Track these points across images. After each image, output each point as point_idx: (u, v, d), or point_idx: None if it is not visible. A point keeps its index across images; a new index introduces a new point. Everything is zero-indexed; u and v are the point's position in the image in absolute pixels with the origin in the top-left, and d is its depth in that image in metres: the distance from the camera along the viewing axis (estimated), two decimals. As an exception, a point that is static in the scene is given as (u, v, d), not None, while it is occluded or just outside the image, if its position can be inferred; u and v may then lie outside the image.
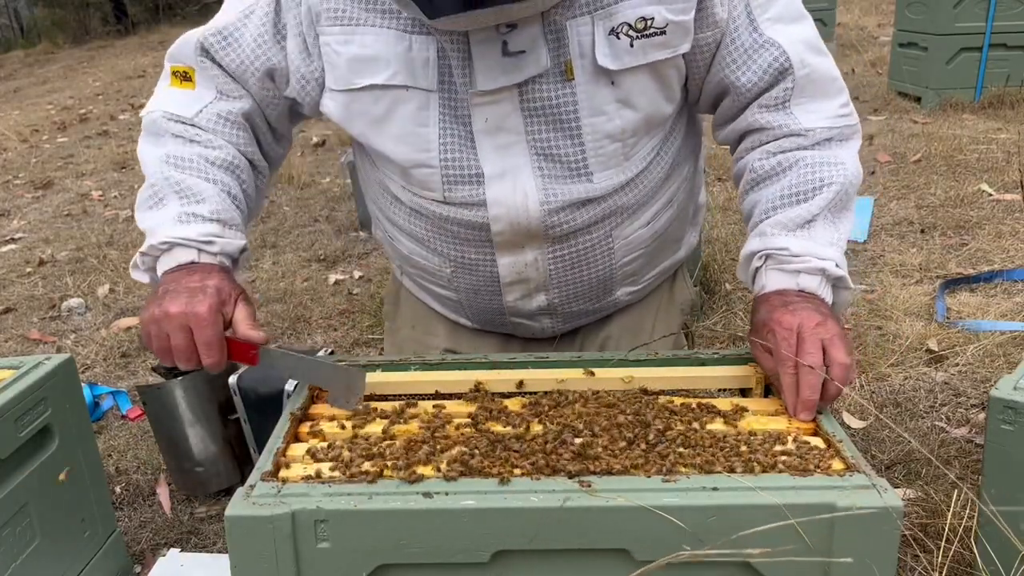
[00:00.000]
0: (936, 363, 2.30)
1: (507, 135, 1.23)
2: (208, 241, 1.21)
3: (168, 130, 1.30)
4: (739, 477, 0.91)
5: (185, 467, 1.93)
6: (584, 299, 1.42)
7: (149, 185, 1.28)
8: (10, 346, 2.97)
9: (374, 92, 1.23)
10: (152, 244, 1.22)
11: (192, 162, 1.28)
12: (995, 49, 4.85)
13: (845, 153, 1.26)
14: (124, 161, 5.68)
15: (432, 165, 1.26)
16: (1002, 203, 3.44)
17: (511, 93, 1.20)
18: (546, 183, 1.25)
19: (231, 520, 0.88)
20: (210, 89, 1.32)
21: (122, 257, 3.73)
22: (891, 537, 0.85)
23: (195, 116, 1.30)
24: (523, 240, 1.30)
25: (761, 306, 1.18)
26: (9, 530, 1.35)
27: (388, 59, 1.20)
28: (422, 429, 1.06)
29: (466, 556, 0.89)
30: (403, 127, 1.25)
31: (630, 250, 1.38)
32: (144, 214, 1.27)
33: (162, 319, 1.11)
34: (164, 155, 1.28)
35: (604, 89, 1.21)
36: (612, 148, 1.26)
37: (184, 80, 1.32)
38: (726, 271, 2.97)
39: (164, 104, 1.32)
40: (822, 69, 1.26)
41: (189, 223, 1.22)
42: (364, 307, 3.03)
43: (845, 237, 1.23)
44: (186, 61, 1.33)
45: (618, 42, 1.18)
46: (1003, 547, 1.18)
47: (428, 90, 1.21)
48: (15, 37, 18.00)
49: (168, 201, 1.24)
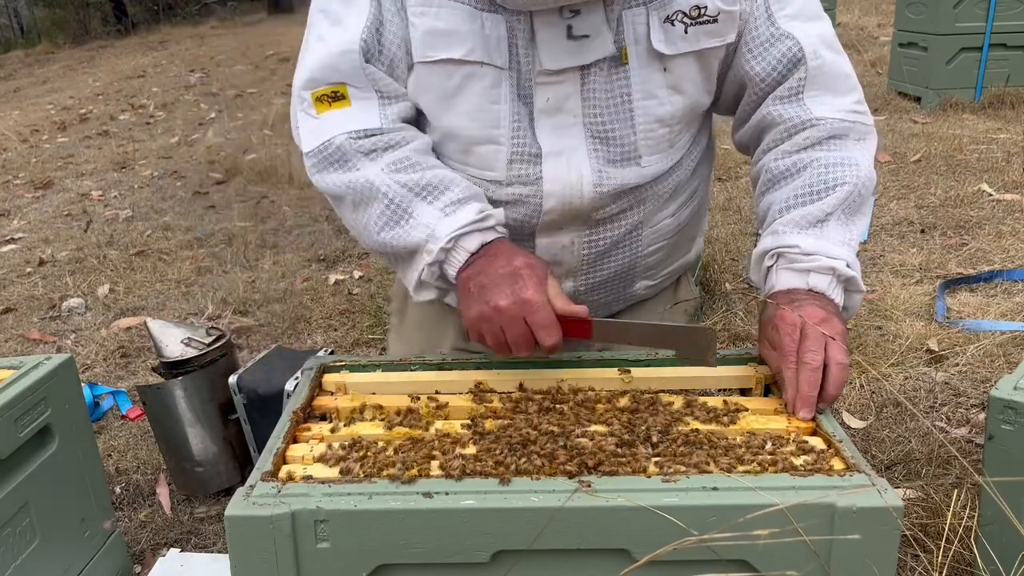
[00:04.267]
0: (936, 363, 2.30)
1: (565, 116, 1.26)
2: (483, 218, 1.18)
3: (360, 149, 1.24)
4: (739, 477, 0.91)
5: (185, 467, 1.93)
6: (607, 288, 1.44)
7: (382, 200, 1.21)
8: (10, 346, 2.97)
9: (448, 66, 1.24)
10: (440, 248, 1.17)
11: (412, 159, 1.24)
12: (995, 49, 4.85)
13: (860, 154, 1.27)
14: (124, 161, 5.69)
15: (500, 142, 1.27)
16: (1002, 203, 3.44)
17: (574, 75, 1.23)
18: (600, 165, 1.28)
19: (231, 520, 0.88)
20: (371, 98, 1.26)
21: (122, 257, 3.73)
22: (891, 537, 0.85)
23: (382, 124, 1.26)
24: (567, 221, 1.32)
25: (769, 305, 1.19)
26: (9, 530, 1.35)
27: (464, 35, 1.22)
28: (422, 429, 1.06)
29: (466, 556, 0.89)
30: (475, 103, 1.26)
31: (655, 239, 1.41)
32: (391, 233, 1.21)
33: (493, 315, 1.10)
34: (381, 168, 1.22)
35: (656, 74, 1.25)
36: (661, 133, 1.30)
37: (336, 100, 1.26)
38: (726, 271, 2.97)
39: (338, 127, 1.25)
40: (836, 64, 1.29)
41: (456, 212, 1.19)
42: (364, 307, 3.03)
43: (858, 237, 1.24)
44: (338, 79, 1.26)
45: (673, 29, 1.23)
46: (1003, 547, 1.18)
47: (501, 68, 1.24)
48: (15, 37, 18.00)
49: (414, 208, 1.20)
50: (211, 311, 3.09)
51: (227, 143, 5.87)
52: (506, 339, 1.11)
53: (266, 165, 4.91)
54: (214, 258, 3.66)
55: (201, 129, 6.55)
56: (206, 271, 3.53)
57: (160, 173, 5.28)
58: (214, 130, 6.37)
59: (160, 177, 5.20)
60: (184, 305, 3.19)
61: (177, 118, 7.17)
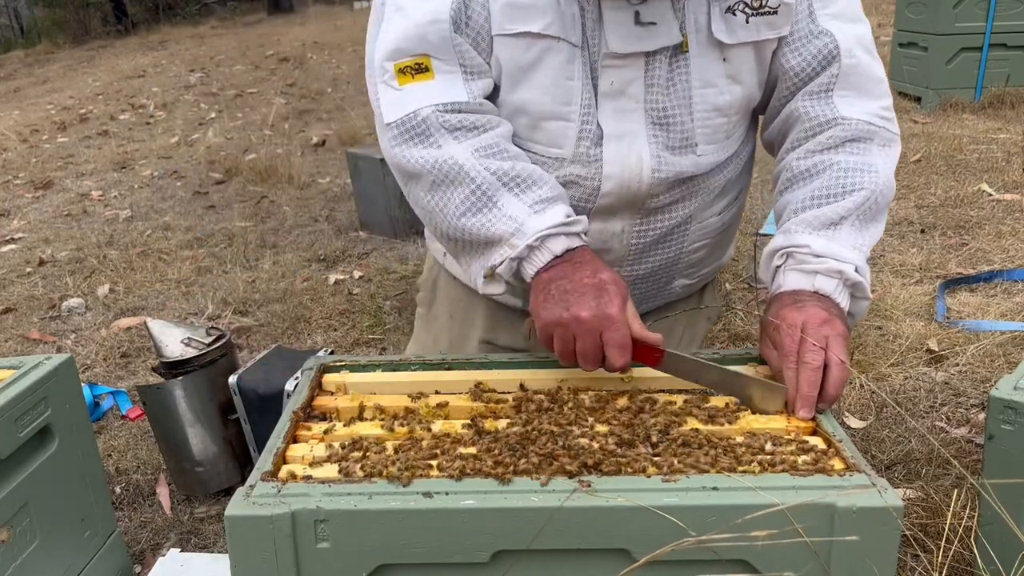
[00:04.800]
0: (936, 363, 2.30)
1: (627, 100, 1.27)
2: (571, 222, 1.17)
3: (445, 124, 1.20)
4: (739, 477, 0.91)
5: (185, 467, 1.93)
6: (648, 282, 1.44)
7: (469, 182, 1.18)
8: (10, 346, 2.97)
9: (526, 39, 1.23)
10: (525, 245, 1.14)
11: (499, 146, 1.21)
12: (995, 49, 4.85)
13: (881, 161, 1.27)
14: (124, 161, 5.69)
15: (571, 119, 1.27)
16: (1002, 203, 3.44)
17: (639, 61, 1.24)
18: (659, 151, 1.29)
19: (231, 520, 0.88)
20: (456, 72, 1.23)
21: (122, 257, 3.73)
22: (891, 537, 0.85)
23: (470, 100, 1.23)
24: (621, 207, 1.32)
25: (772, 304, 1.19)
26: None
27: (543, 9, 1.22)
28: (422, 429, 1.06)
29: (466, 556, 0.89)
30: (550, 77, 1.25)
31: (701, 236, 1.42)
32: (473, 220, 1.18)
33: (571, 323, 1.08)
34: (468, 151, 1.19)
35: (716, 63, 1.26)
36: (719, 122, 1.31)
37: (419, 72, 1.23)
38: (726, 271, 2.97)
39: (425, 99, 1.21)
40: (870, 67, 1.30)
41: (545, 210, 1.17)
42: (364, 307, 3.03)
43: (870, 244, 1.23)
44: (422, 50, 1.22)
45: (734, 18, 1.24)
46: (1003, 547, 1.18)
47: (575, 45, 1.24)
48: (15, 37, 18.01)
49: (500, 197, 1.17)
50: (211, 311, 3.09)
51: (227, 143, 5.87)
52: (575, 348, 1.09)
53: (266, 165, 4.90)
54: (214, 258, 3.66)
55: (201, 129, 6.55)
56: (206, 271, 3.53)
57: (160, 173, 5.28)
58: (214, 130, 6.37)
59: (160, 177, 5.20)
60: (184, 305, 3.19)
61: (177, 118, 7.17)
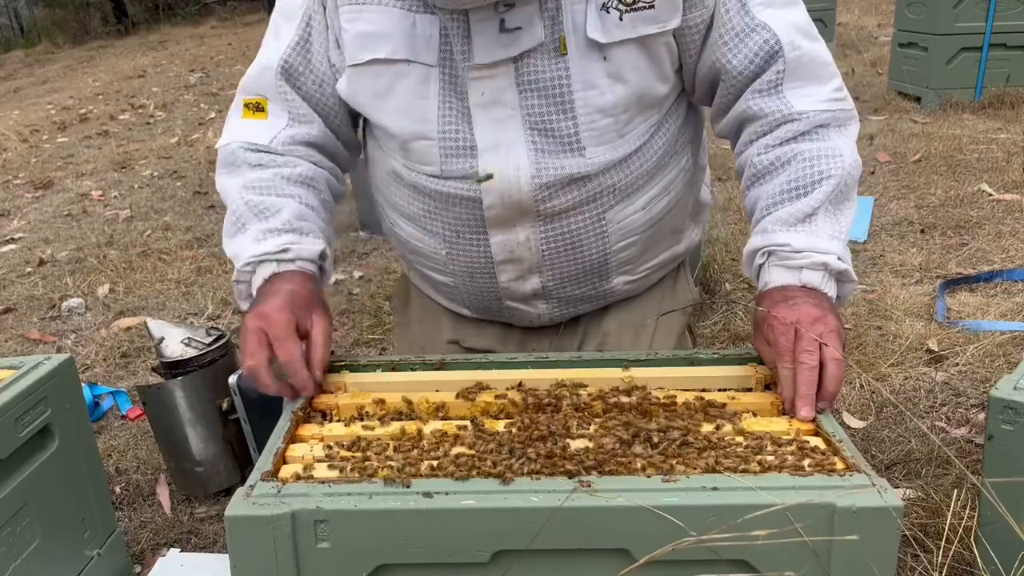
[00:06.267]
0: (936, 363, 2.29)
1: (503, 109, 1.26)
2: (283, 250, 1.26)
3: (245, 160, 1.36)
4: (739, 477, 0.91)
5: (185, 467, 1.93)
6: (578, 283, 1.43)
7: (231, 212, 1.33)
8: (10, 346, 2.97)
9: (377, 66, 1.28)
10: (239, 268, 1.28)
11: (269, 182, 1.34)
12: (995, 49, 4.84)
13: (843, 142, 1.27)
14: (124, 161, 5.69)
15: (430, 137, 1.30)
16: (1002, 203, 3.44)
17: (507, 68, 1.24)
18: (539, 157, 1.28)
19: (231, 520, 0.88)
20: (282, 117, 1.38)
21: (122, 257, 3.73)
22: (891, 537, 0.85)
23: (270, 143, 1.37)
24: (515, 216, 1.32)
25: (763, 301, 1.19)
26: (9, 530, 1.35)
27: (391, 34, 1.25)
28: (422, 427, 1.06)
29: (466, 556, 0.89)
30: (404, 100, 1.29)
31: (624, 235, 1.39)
32: (229, 242, 1.33)
33: (243, 332, 1.15)
34: (243, 183, 1.34)
35: (596, 64, 1.24)
36: (605, 123, 1.28)
37: (256, 111, 1.39)
38: (726, 271, 2.97)
39: (239, 135, 1.39)
40: (813, 53, 1.28)
41: (266, 239, 1.27)
42: (364, 307, 3.03)
43: (847, 228, 1.24)
44: (261, 92, 1.39)
45: (608, 16, 1.22)
46: (1003, 547, 1.18)
47: (429, 65, 1.26)
48: (15, 37, 17.99)
49: (248, 225, 1.30)
50: (211, 311, 3.09)
51: (227, 143, 5.86)
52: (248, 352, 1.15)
53: (266, 165, 4.90)
54: (214, 258, 3.66)
55: (201, 129, 6.55)
56: (206, 271, 3.53)
57: (160, 173, 5.28)
58: (214, 130, 6.37)
59: (160, 177, 5.20)
60: (184, 305, 3.19)
61: (177, 118, 7.17)
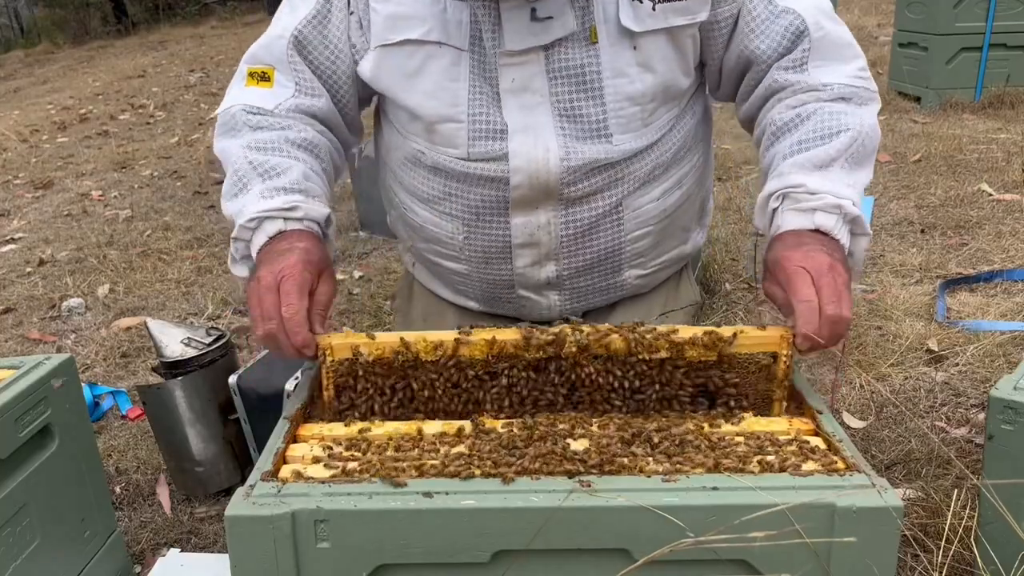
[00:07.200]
0: (936, 363, 2.29)
1: (532, 95, 1.29)
2: (292, 207, 1.22)
3: (247, 122, 1.33)
4: (739, 477, 0.91)
5: (185, 467, 1.93)
6: (592, 273, 1.44)
7: (232, 172, 1.29)
8: (10, 346, 2.97)
9: (408, 47, 1.29)
10: (241, 225, 1.23)
11: (274, 143, 1.30)
12: (995, 49, 4.84)
13: (864, 111, 1.29)
14: (124, 161, 5.68)
15: (459, 120, 1.31)
16: (1002, 203, 3.44)
17: (538, 55, 1.26)
18: (567, 141, 1.30)
19: (231, 520, 0.88)
20: (288, 87, 1.36)
21: (122, 257, 3.73)
22: (891, 537, 0.85)
23: (274, 108, 1.35)
24: (539, 198, 1.33)
25: (775, 244, 1.17)
26: (9, 530, 1.35)
27: (424, 17, 1.27)
28: (422, 429, 1.06)
29: (466, 556, 0.89)
30: (434, 82, 1.30)
31: (639, 224, 1.42)
32: (230, 202, 1.29)
33: (255, 287, 1.12)
34: (245, 143, 1.31)
35: (626, 52, 1.27)
36: (632, 111, 1.31)
37: (262, 80, 1.37)
38: (726, 271, 2.97)
39: (241, 100, 1.36)
40: (837, 34, 1.31)
41: (273, 197, 1.23)
42: (364, 307, 3.03)
43: (863, 186, 1.23)
44: (269, 61, 1.36)
45: (641, 6, 1.25)
46: (1003, 547, 1.18)
47: (460, 48, 1.28)
48: (15, 37, 17.99)
49: (251, 183, 1.26)
50: (211, 311, 3.09)
51: (227, 143, 5.86)
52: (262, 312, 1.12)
53: (266, 165, 4.90)
54: (214, 258, 3.65)
55: (201, 129, 6.55)
56: (206, 271, 3.53)
57: (160, 173, 5.28)
58: (214, 130, 6.36)
59: (160, 177, 5.20)
60: (184, 305, 3.19)
61: (177, 118, 7.17)
